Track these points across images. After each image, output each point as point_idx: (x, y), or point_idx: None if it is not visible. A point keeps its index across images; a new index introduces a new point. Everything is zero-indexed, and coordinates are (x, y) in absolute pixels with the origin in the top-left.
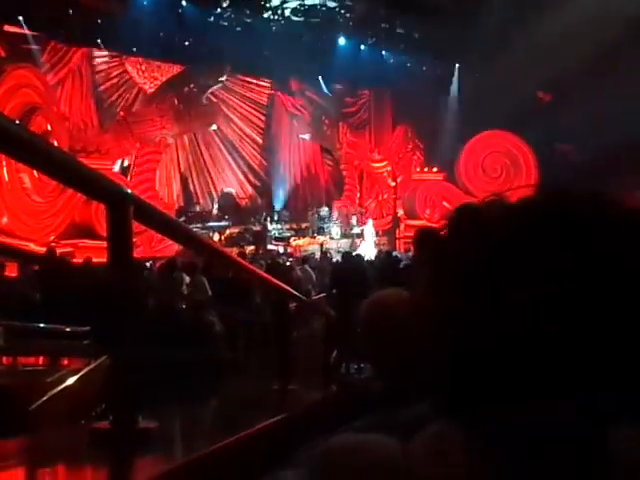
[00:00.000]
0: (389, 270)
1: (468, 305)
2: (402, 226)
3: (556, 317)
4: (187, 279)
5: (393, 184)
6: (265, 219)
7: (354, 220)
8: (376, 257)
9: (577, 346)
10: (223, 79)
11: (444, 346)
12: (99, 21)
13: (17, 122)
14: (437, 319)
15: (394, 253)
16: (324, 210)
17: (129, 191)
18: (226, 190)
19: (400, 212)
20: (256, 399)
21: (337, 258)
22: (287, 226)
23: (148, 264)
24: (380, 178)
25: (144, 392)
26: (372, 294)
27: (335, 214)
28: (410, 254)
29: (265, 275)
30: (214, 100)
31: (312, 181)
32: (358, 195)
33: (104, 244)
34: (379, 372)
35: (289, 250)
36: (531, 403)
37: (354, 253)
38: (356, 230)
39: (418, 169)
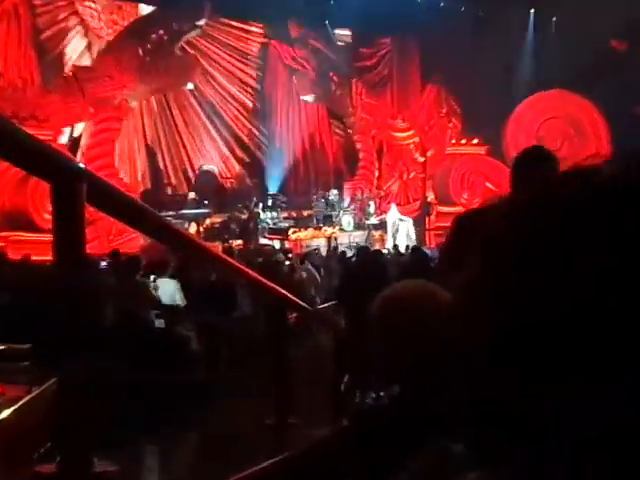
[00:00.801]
0: (417, 271)
1: (532, 278)
2: (433, 214)
3: (619, 290)
4: (156, 282)
5: (421, 160)
6: (256, 205)
7: (371, 206)
8: (397, 252)
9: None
10: (201, 23)
11: (496, 330)
12: None
13: None
14: (492, 299)
15: (423, 249)
16: (332, 194)
17: (82, 166)
18: (206, 168)
19: (430, 196)
20: (245, 436)
21: (349, 255)
22: (285, 214)
23: (105, 263)
24: (405, 152)
25: (101, 426)
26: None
27: (347, 199)
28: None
29: (257, 277)
30: (190, 51)
31: (317, 156)
32: (376, 174)
33: (46, 237)
34: (394, 372)
35: (287, 245)
36: (576, 384)
37: (372, 249)
38: (373, 220)
39: (454, 140)
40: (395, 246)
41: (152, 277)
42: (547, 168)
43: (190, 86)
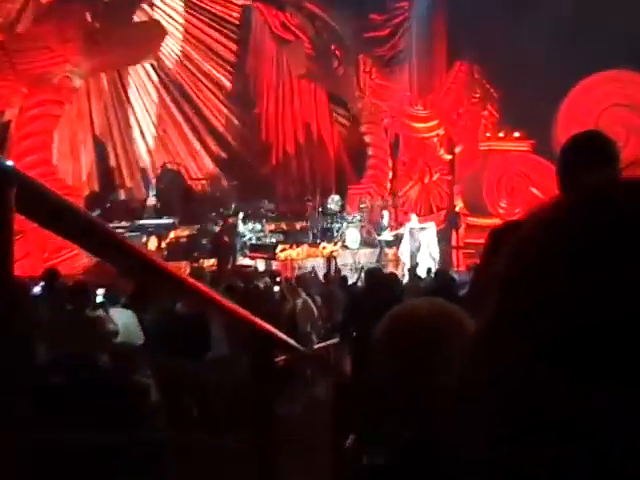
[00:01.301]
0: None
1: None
2: (462, 228)
3: None
4: (104, 313)
5: (448, 158)
6: (235, 215)
7: (384, 217)
8: (415, 277)
9: None
10: None
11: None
12: None
13: None
14: (542, 303)
15: (449, 273)
16: (333, 201)
17: (10, 163)
18: (170, 166)
19: (459, 205)
20: None
21: (354, 280)
22: (271, 226)
23: (39, 287)
24: (427, 148)
25: None
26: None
27: (352, 207)
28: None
29: (235, 308)
30: (152, 15)
31: (314, 152)
32: (390, 176)
33: None
34: (403, 403)
35: (275, 266)
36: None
37: (384, 272)
38: (386, 235)
39: (489, 134)
40: (413, 268)
41: (100, 308)
42: (604, 160)
43: (151, 61)
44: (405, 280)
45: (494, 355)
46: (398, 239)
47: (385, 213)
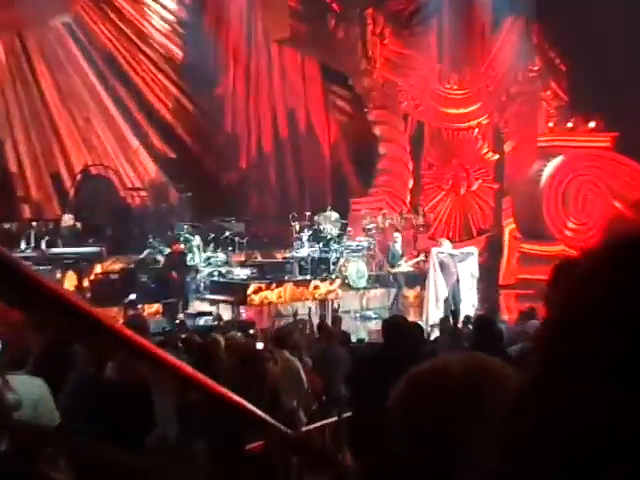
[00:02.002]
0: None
1: None
2: (514, 259)
3: None
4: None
5: (494, 158)
6: (187, 240)
7: (397, 241)
8: (449, 330)
9: None
10: None
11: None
12: None
13: None
14: (615, 322)
15: (496, 323)
16: (330, 219)
17: None
18: (95, 171)
19: (509, 225)
20: None
21: (361, 334)
22: (241, 256)
23: None
24: (463, 144)
25: None
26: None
27: (356, 229)
28: (534, 323)
29: (192, 373)
30: None
31: (301, 150)
32: (411, 184)
33: None
34: None
35: (246, 313)
36: None
37: (401, 322)
38: (403, 267)
39: (552, 124)
40: (448, 318)
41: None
42: None
43: (66, 19)
44: (434, 335)
45: (549, 400)
46: (421, 273)
47: (397, 236)
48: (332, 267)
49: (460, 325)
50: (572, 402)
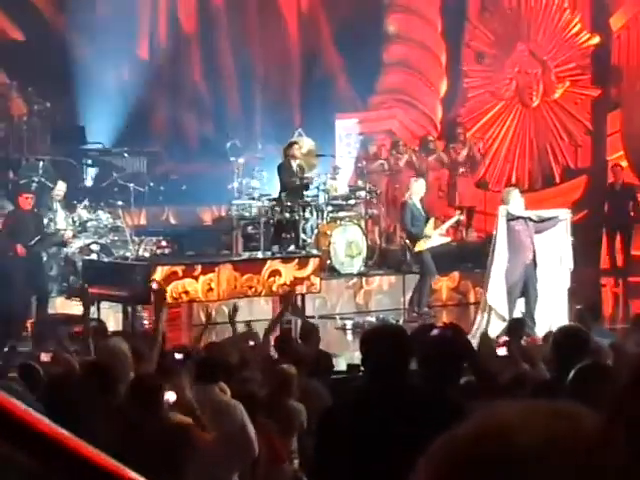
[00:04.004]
0: (571, 393)
1: None
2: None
3: None
4: None
5: (592, 43)
6: (39, 189)
7: (417, 186)
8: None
9: None
10: None
11: None
12: None
13: None
14: None
15: (591, 333)
16: (297, 147)
17: None
18: None
19: (623, 162)
20: None
21: (355, 356)
22: (139, 217)
23: None
24: (537, 15)
25: None
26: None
27: (346, 168)
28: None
29: (36, 423)
30: None
31: (247, 20)
32: (444, 87)
33: None
34: None
35: (147, 321)
36: None
37: (437, 333)
38: (434, 235)
39: None
40: (516, 328)
41: None
42: None
43: None
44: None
45: None
46: (463, 247)
47: (420, 183)
48: (303, 237)
49: (538, 341)
50: None
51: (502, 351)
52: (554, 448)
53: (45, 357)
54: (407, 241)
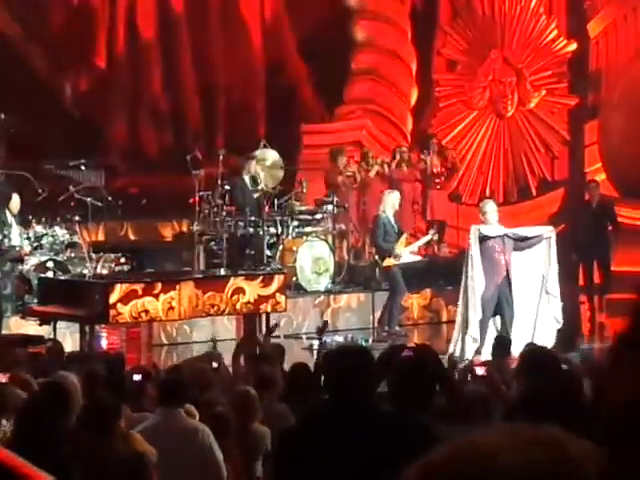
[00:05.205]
0: (545, 413)
1: None
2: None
3: None
4: None
5: (569, 50)
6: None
7: (389, 198)
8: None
9: None
10: None
11: None
12: None
13: None
14: None
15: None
16: (261, 159)
17: None
18: None
19: (597, 175)
20: None
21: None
22: (96, 232)
23: None
24: (511, 21)
25: None
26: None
27: (313, 181)
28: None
29: None
30: None
31: (210, 32)
32: (415, 96)
33: None
34: None
35: (105, 341)
36: None
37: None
38: (404, 251)
39: None
40: (503, 341)
41: None
42: None
43: None
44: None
45: None
46: (435, 264)
47: (392, 197)
48: (268, 253)
49: (513, 363)
50: None
51: (480, 371)
52: (535, 474)
53: (2, 378)
54: (376, 257)
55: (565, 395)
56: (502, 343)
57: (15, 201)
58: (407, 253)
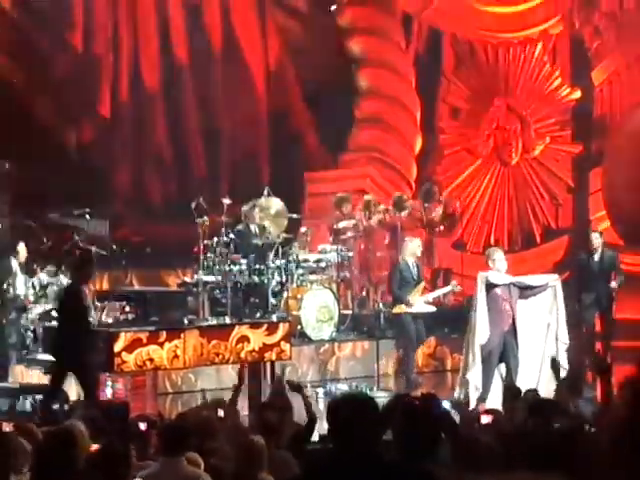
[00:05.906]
0: (542, 462)
1: None
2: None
3: None
4: None
5: (573, 98)
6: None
7: (410, 246)
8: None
9: None
10: None
11: None
12: None
13: None
14: None
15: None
16: (265, 208)
17: None
18: None
19: (602, 223)
20: None
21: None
22: (102, 281)
23: None
24: (515, 70)
25: None
26: None
27: (317, 229)
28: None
29: None
30: None
31: (214, 82)
32: (419, 144)
33: None
34: None
35: (111, 390)
36: None
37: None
38: (420, 301)
39: None
40: (512, 390)
41: None
42: None
43: None
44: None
45: None
46: (445, 313)
47: (412, 244)
48: (273, 301)
49: (521, 412)
50: None
51: (486, 419)
52: None
53: (7, 427)
54: (381, 304)
55: (566, 441)
56: (511, 389)
57: (21, 250)
58: (421, 302)
